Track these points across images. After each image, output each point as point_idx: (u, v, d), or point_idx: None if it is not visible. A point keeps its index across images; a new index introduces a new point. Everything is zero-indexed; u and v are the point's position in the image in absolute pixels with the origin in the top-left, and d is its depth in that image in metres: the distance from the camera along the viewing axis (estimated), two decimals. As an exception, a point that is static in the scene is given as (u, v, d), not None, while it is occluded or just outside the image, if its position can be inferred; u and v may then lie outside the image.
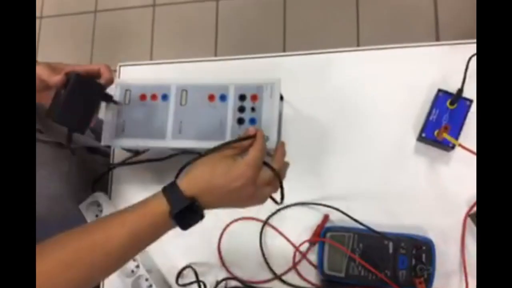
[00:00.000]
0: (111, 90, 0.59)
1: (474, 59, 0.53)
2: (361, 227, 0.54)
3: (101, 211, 0.64)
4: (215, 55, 1.53)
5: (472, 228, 0.53)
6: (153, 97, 0.58)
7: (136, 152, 0.65)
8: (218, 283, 0.57)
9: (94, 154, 0.73)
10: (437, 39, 1.33)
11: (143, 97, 0.59)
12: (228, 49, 1.52)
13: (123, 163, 0.66)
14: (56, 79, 0.51)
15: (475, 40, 0.57)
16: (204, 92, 0.56)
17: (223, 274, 0.59)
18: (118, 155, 0.68)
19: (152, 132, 0.57)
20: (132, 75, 0.71)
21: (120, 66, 0.73)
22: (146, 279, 0.61)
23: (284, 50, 1.47)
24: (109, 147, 0.65)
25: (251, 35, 1.51)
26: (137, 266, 0.61)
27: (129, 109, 0.59)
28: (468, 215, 0.53)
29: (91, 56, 1.67)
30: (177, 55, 1.55)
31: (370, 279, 0.52)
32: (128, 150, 0.65)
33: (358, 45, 1.39)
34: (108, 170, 0.67)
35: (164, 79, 0.59)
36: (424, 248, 0.51)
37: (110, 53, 1.65)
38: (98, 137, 0.61)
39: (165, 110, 0.57)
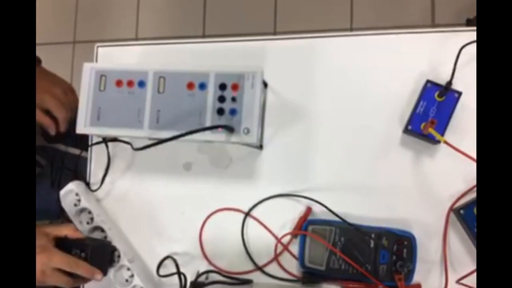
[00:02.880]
0: (85, 75, 0.56)
1: (466, 48, 0.51)
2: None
3: (79, 200, 0.62)
4: (203, 29, 1.47)
5: (454, 223, 0.53)
6: (130, 83, 0.55)
7: (114, 138, 0.63)
8: (198, 275, 0.57)
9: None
10: (433, 15, 1.29)
11: (119, 83, 0.56)
12: (216, 22, 1.46)
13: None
14: None
15: (470, 28, 0.54)
16: (182, 80, 0.54)
17: (204, 265, 0.59)
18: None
19: (128, 120, 0.55)
20: (111, 56, 0.67)
21: (97, 47, 0.69)
22: (128, 269, 0.60)
23: (275, 28, 1.41)
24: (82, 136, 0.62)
25: (241, 10, 1.45)
26: (119, 256, 0.60)
27: (105, 95, 0.56)
28: (451, 209, 0.52)
29: (74, 28, 1.60)
30: (164, 28, 1.50)
31: (350, 272, 0.52)
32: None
33: (351, 24, 1.35)
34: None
35: (141, 65, 0.56)
36: (405, 243, 0.51)
37: (94, 25, 1.58)
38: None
39: (142, 98, 0.55)
